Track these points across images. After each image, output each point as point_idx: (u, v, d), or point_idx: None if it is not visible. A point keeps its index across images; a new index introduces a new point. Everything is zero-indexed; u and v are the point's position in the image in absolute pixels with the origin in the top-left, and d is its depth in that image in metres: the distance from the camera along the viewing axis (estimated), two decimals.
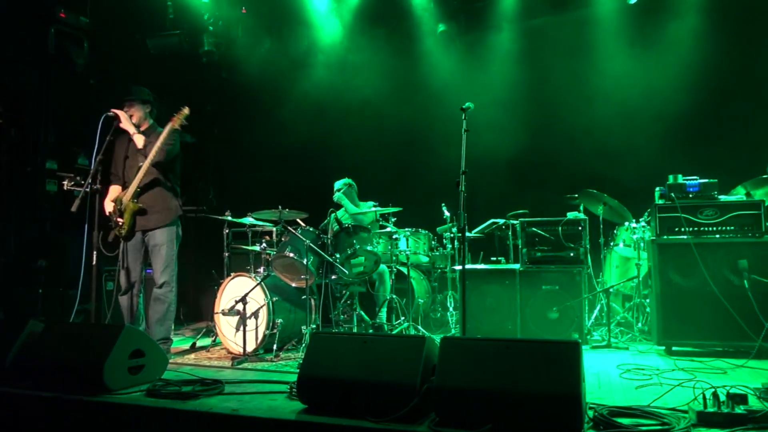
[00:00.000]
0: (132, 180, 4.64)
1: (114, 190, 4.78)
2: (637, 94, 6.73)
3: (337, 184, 6.16)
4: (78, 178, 5.68)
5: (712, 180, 4.76)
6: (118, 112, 4.68)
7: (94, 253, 4.45)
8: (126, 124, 4.68)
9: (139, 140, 4.69)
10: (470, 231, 6.50)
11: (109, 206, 4.71)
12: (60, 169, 6.27)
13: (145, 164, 4.57)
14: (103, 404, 3.28)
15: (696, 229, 4.70)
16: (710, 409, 2.75)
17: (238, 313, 4.80)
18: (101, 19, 6.78)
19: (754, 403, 2.97)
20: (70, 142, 6.41)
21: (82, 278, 4.60)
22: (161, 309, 4.66)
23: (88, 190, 4.52)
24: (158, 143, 4.56)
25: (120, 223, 4.61)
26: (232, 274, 5.23)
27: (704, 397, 2.81)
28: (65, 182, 5.69)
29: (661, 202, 4.90)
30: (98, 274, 4.50)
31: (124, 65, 7.14)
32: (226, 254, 5.96)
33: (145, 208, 4.64)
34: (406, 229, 6.04)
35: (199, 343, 5.47)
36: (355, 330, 5.18)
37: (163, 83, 5.01)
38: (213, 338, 5.53)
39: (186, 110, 4.61)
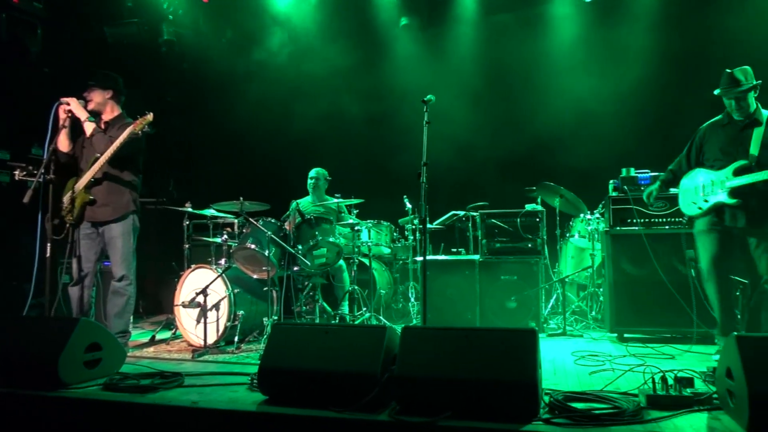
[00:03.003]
0: (86, 169, 4.53)
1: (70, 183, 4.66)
2: (594, 89, 6.89)
3: (320, 171, 6.20)
4: (30, 168, 5.51)
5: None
6: (71, 98, 4.54)
7: (48, 245, 4.34)
8: (78, 110, 4.54)
9: (88, 128, 4.55)
10: (431, 222, 6.58)
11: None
12: (13, 159, 6.08)
13: (101, 160, 4.44)
14: (58, 399, 3.21)
15: (647, 220, 4.88)
16: (659, 393, 2.87)
17: (198, 305, 4.76)
18: (56, 6, 6.56)
19: (699, 385, 3.12)
20: (24, 132, 6.22)
21: (36, 271, 4.47)
22: (120, 302, 4.56)
23: (41, 180, 4.40)
24: (115, 145, 4.41)
25: (68, 210, 4.50)
26: (193, 266, 5.18)
27: (653, 381, 2.92)
28: (17, 172, 5.50)
29: (614, 194, 5.06)
30: (53, 266, 4.39)
31: (80, 54, 6.93)
32: (187, 246, 5.89)
33: (95, 200, 4.52)
34: (369, 220, 6.07)
35: (158, 336, 5.40)
36: (317, 321, 5.20)
37: (121, 73, 4.88)
38: (173, 331, 5.47)
39: (150, 116, 4.43)
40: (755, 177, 3.94)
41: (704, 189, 4.18)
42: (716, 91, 4.13)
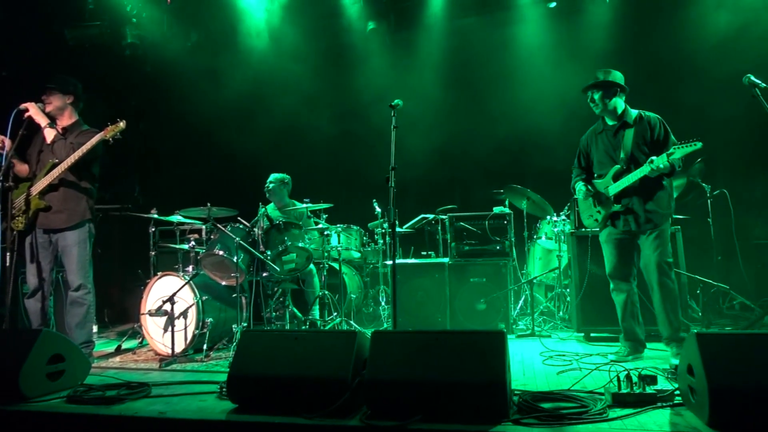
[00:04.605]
0: (41, 175, 4.41)
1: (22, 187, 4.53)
2: (560, 92, 6.99)
3: (275, 176, 6.13)
4: None
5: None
6: (29, 104, 4.42)
7: (8, 254, 4.21)
8: (37, 116, 4.41)
9: (49, 134, 4.44)
10: (401, 226, 6.60)
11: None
12: None
13: (61, 166, 4.32)
14: (19, 413, 3.13)
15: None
16: (624, 391, 2.94)
17: (165, 313, 4.68)
18: (15, 7, 6.39)
19: (663, 383, 3.20)
20: None
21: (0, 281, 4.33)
22: (80, 312, 4.44)
23: None
24: (82, 150, 4.30)
25: (19, 214, 4.36)
26: (160, 274, 5.09)
27: (618, 380, 2.99)
28: None
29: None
30: (13, 276, 4.26)
31: (40, 57, 6.76)
32: (153, 253, 5.79)
33: (49, 206, 4.39)
34: (338, 225, 6.06)
35: (124, 346, 5.28)
36: (287, 327, 5.16)
37: (83, 76, 4.77)
38: (140, 340, 5.37)
39: (122, 124, 4.35)
40: (628, 180, 4.05)
41: (595, 200, 4.30)
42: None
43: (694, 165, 5.68)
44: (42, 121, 4.45)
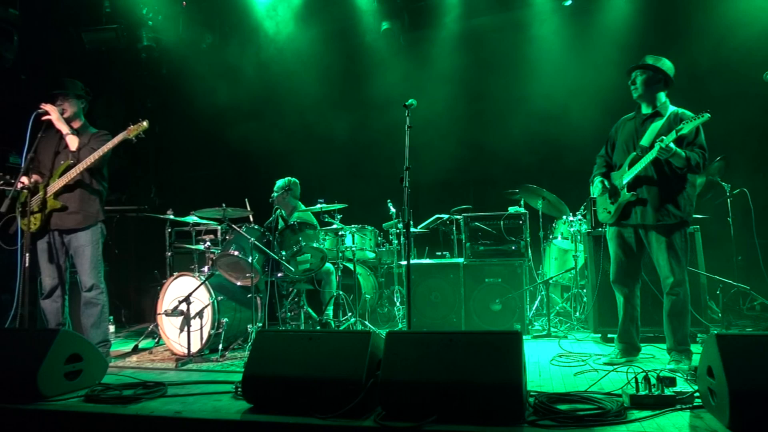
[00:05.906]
0: (56, 176, 4.44)
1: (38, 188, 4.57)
2: (573, 92, 6.94)
3: (278, 184, 6.12)
4: (8, 176, 5.43)
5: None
6: (49, 107, 4.46)
7: (27, 255, 4.26)
8: (58, 122, 4.45)
9: (73, 142, 4.46)
10: (415, 226, 6.58)
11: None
12: None
13: (79, 167, 4.37)
14: (37, 412, 3.16)
15: None
16: (642, 392, 2.90)
17: (181, 313, 4.70)
18: (32, 12, 6.47)
19: (682, 385, 3.15)
20: (0, 141, 6.11)
21: (19, 281, 4.39)
22: (94, 312, 4.48)
23: (18, 189, 4.33)
24: (103, 150, 4.34)
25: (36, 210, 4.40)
26: (175, 274, 5.12)
27: (636, 381, 2.94)
28: None
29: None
30: (32, 276, 4.31)
31: (58, 60, 6.84)
32: (169, 254, 5.83)
33: (65, 207, 4.42)
34: (353, 225, 6.05)
35: (141, 345, 5.33)
36: (302, 327, 5.18)
37: (99, 79, 4.82)
38: (156, 339, 5.41)
39: (145, 123, 4.40)
40: (640, 164, 3.86)
41: (610, 194, 4.11)
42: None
43: (714, 163, 5.59)
44: (63, 127, 4.47)
